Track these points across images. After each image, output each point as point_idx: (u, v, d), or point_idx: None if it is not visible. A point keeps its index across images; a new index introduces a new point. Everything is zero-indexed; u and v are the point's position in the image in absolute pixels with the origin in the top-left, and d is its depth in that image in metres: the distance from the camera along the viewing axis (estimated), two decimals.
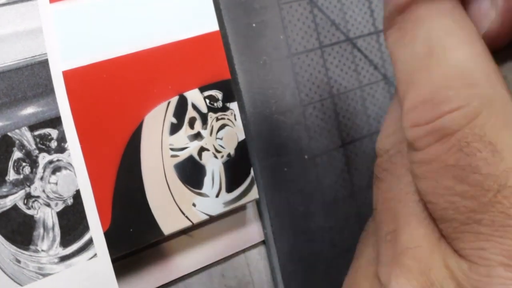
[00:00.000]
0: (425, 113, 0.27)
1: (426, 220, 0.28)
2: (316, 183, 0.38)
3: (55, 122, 0.31)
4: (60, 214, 0.30)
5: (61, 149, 0.31)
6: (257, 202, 0.38)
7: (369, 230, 0.32)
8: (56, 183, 0.30)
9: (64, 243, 0.30)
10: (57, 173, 0.31)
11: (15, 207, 0.29)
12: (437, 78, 0.27)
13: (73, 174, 0.31)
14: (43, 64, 0.31)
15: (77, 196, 0.31)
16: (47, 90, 0.31)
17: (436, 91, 0.27)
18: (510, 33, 0.28)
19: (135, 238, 0.32)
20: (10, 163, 0.29)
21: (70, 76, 0.31)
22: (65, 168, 0.31)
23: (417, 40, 0.28)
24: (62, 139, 0.31)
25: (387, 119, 0.32)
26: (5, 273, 0.29)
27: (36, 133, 0.30)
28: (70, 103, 0.31)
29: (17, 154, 0.30)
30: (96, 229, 0.31)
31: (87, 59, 0.32)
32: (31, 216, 0.30)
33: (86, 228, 0.31)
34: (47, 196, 0.30)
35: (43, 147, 0.30)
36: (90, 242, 0.31)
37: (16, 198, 0.29)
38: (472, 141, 0.25)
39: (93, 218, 0.31)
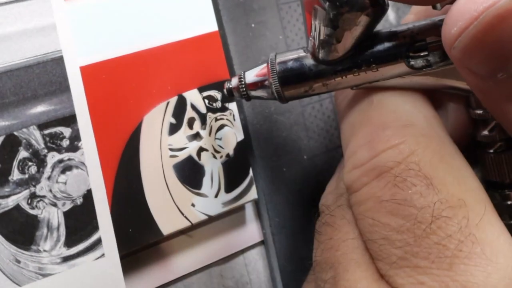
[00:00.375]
0: (363, 155, 0.28)
1: (365, 264, 0.28)
2: (315, 184, 0.38)
3: (69, 120, 0.31)
4: (67, 214, 0.30)
5: (73, 148, 0.31)
6: (256, 202, 0.38)
7: (310, 281, 0.32)
8: (65, 183, 0.30)
9: (69, 243, 0.30)
10: (67, 172, 0.30)
11: (17, 207, 0.29)
12: (376, 122, 0.28)
13: (85, 173, 0.31)
14: (57, 61, 0.31)
15: (87, 195, 0.31)
16: (62, 87, 0.31)
17: (374, 132, 0.28)
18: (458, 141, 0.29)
19: (134, 239, 0.32)
20: (15, 163, 0.29)
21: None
22: (77, 167, 0.31)
23: (361, 98, 0.29)
24: (75, 137, 0.31)
25: (332, 178, 0.33)
26: (3, 273, 0.29)
27: (46, 132, 0.30)
28: (87, 100, 0.31)
29: (23, 154, 0.29)
30: (106, 229, 0.31)
31: (87, 59, 0.32)
32: (35, 216, 0.30)
33: (95, 228, 0.31)
34: (54, 196, 0.30)
35: (53, 146, 0.30)
36: (98, 242, 0.31)
37: (19, 198, 0.29)
38: (408, 176, 0.26)
39: (104, 218, 0.31)
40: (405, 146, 0.27)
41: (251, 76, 0.31)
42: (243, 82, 0.31)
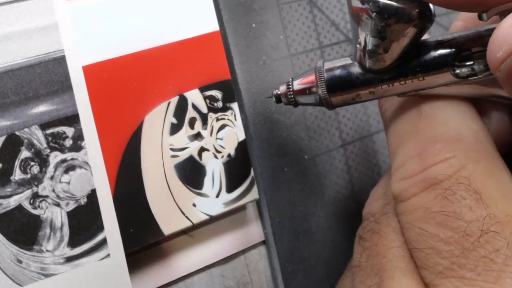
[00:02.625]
0: (412, 166, 0.29)
1: (410, 273, 0.29)
2: (316, 183, 0.38)
3: (71, 120, 0.31)
4: (70, 214, 0.30)
5: (76, 147, 0.31)
6: (257, 202, 0.38)
7: (343, 279, 0.33)
8: (69, 183, 0.30)
9: (73, 243, 0.30)
10: (70, 172, 0.30)
11: (19, 207, 0.29)
12: (426, 134, 0.29)
13: (88, 173, 0.31)
14: (59, 61, 0.31)
15: (91, 195, 0.31)
16: (64, 87, 0.31)
17: (424, 145, 0.29)
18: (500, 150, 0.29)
19: (135, 239, 0.32)
20: (17, 163, 0.29)
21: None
22: (80, 167, 0.31)
23: (409, 108, 0.30)
24: (78, 137, 0.31)
25: (376, 186, 0.35)
26: (5, 273, 0.29)
27: (49, 131, 0.30)
28: (90, 100, 0.31)
29: (25, 153, 0.29)
30: (111, 229, 0.31)
31: (87, 59, 0.32)
32: (37, 216, 0.30)
33: (100, 228, 0.31)
34: (57, 196, 0.30)
35: (56, 145, 0.30)
36: (103, 242, 0.31)
37: (21, 198, 0.29)
38: (458, 189, 0.27)
39: (109, 218, 0.31)
40: (455, 160, 0.28)
41: (299, 82, 0.31)
42: (291, 89, 0.31)
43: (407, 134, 0.30)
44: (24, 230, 0.29)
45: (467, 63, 0.28)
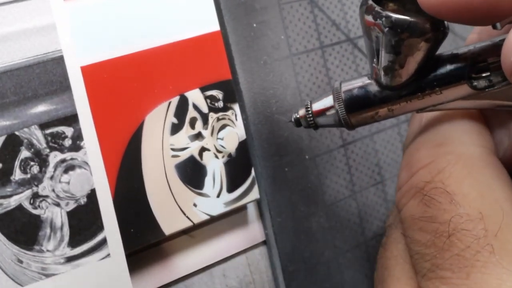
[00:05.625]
0: (402, 176, 0.30)
1: (405, 279, 0.30)
2: (317, 183, 0.38)
3: (70, 119, 0.31)
4: (70, 214, 0.30)
5: (76, 147, 0.30)
6: (258, 202, 0.38)
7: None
8: (68, 182, 0.30)
9: (73, 243, 0.30)
10: (70, 172, 0.30)
11: (19, 207, 0.29)
12: (413, 144, 0.30)
13: (88, 173, 0.31)
14: (57, 61, 0.31)
15: (91, 195, 0.31)
16: (62, 87, 0.31)
17: (410, 154, 0.30)
18: None
19: (136, 238, 0.32)
20: (16, 163, 0.29)
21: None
22: (80, 167, 0.31)
23: (414, 122, 0.32)
24: (77, 137, 0.31)
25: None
26: (5, 273, 0.29)
27: (48, 131, 0.30)
28: (89, 100, 0.31)
29: (24, 153, 0.29)
30: (111, 229, 0.31)
31: (87, 59, 0.32)
32: (37, 216, 0.30)
33: (99, 228, 0.31)
34: (57, 196, 0.30)
35: (55, 145, 0.30)
36: (103, 242, 0.31)
37: (21, 198, 0.29)
38: (435, 194, 0.28)
39: (109, 218, 0.31)
40: (433, 165, 0.28)
41: (317, 105, 0.31)
42: (309, 112, 0.31)
43: (404, 147, 0.31)
44: (24, 230, 0.29)
45: (484, 74, 0.28)
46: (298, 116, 0.32)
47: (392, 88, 0.29)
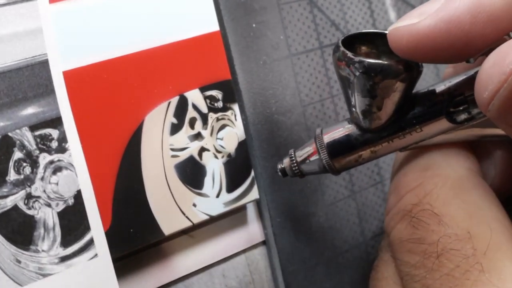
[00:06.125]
0: (390, 200, 0.30)
1: None
2: (317, 183, 0.38)
3: (56, 122, 0.31)
4: (61, 214, 0.30)
5: (62, 149, 0.31)
6: (258, 202, 0.38)
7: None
8: (57, 183, 0.30)
9: (65, 243, 0.30)
10: (58, 173, 0.30)
11: (15, 207, 0.29)
12: (403, 171, 0.31)
13: (74, 174, 0.31)
14: (44, 64, 0.31)
15: (78, 196, 0.31)
16: (48, 90, 0.31)
17: (399, 179, 0.30)
18: (509, 188, 0.31)
19: (136, 238, 0.32)
20: (11, 163, 0.29)
21: (70, 77, 0.31)
22: (66, 168, 0.31)
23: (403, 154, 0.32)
24: (63, 139, 0.31)
25: None
26: (5, 273, 0.29)
27: (37, 133, 0.30)
28: (71, 103, 0.31)
29: (17, 154, 0.30)
30: (97, 229, 0.31)
31: (87, 59, 0.32)
32: (32, 216, 0.30)
33: (87, 228, 0.31)
34: (48, 196, 0.30)
35: (44, 147, 0.30)
36: (91, 242, 0.31)
37: (16, 198, 0.29)
38: (423, 216, 0.28)
39: (94, 218, 0.31)
40: (421, 188, 0.29)
41: (301, 153, 0.32)
42: (294, 160, 0.32)
43: (392, 174, 0.32)
44: (21, 230, 0.29)
45: (462, 108, 0.28)
46: (283, 166, 0.32)
47: (372, 130, 0.29)
